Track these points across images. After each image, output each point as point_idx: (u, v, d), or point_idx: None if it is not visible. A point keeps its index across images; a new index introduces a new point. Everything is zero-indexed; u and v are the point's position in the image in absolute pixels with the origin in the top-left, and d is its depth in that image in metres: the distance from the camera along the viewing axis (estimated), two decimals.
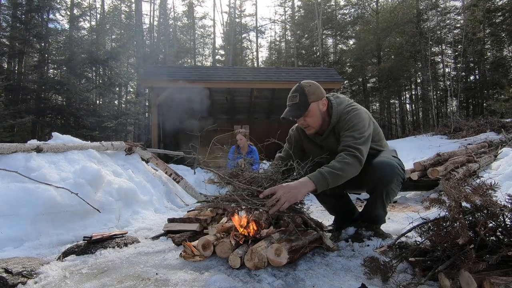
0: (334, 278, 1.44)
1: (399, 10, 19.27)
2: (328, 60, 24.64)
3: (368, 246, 1.79)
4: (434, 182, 3.99)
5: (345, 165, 1.71)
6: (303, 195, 1.68)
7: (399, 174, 1.88)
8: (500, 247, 1.21)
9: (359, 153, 1.75)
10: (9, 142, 5.26)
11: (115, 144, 4.11)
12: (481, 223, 1.26)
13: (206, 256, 1.71)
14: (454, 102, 17.01)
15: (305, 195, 1.70)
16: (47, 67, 13.93)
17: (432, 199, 1.44)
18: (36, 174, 2.61)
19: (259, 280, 1.41)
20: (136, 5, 20.37)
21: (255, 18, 30.41)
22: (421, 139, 9.74)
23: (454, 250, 1.26)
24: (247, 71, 10.82)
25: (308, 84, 1.94)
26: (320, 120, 1.96)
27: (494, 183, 1.33)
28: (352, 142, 1.79)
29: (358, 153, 1.75)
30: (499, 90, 16.40)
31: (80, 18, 16.08)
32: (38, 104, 12.06)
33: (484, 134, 8.29)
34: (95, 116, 12.57)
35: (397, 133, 22.05)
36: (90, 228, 2.50)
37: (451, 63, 22.04)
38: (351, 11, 25.51)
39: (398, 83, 21.18)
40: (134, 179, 3.63)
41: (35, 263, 1.61)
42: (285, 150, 2.28)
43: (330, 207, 2.32)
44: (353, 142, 1.78)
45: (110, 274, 1.55)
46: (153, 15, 24.63)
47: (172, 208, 3.80)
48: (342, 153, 1.78)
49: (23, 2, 12.46)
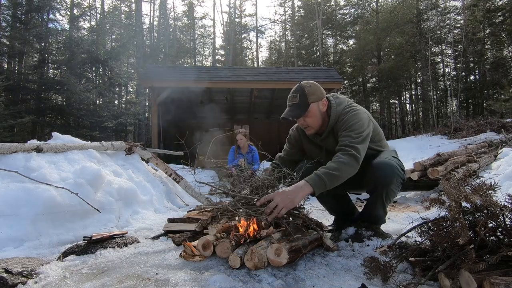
0: (334, 278, 1.44)
1: (399, 10, 19.28)
2: (328, 60, 24.65)
3: (368, 246, 1.79)
4: (434, 182, 3.99)
5: (342, 165, 1.70)
6: (301, 199, 1.66)
7: (399, 175, 1.88)
8: (500, 247, 1.21)
9: (356, 152, 1.74)
10: (9, 142, 5.26)
11: (115, 144, 4.11)
12: (481, 223, 1.26)
13: (206, 256, 1.71)
14: (454, 102, 17.01)
15: (302, 199, 1.68)
16: (47, 67, 13.94)
17: (432, 199, 1.44)
18: (36, 174, 2.61)
19: (259, 280, 1.41)
20: (136, 5, 20.35)
21: (255, 18, 30.45)
22: (421, 139, 9.74)
23: (454, 250, 1.26)
24: (247, 71, 10.83)
25: (308, 85, 1.94)
26: (320, 120, 1.96)
27: (494, 183, 1.33)
28: (349, 141, 1.78)
29: (354, 151, 1.73)
30: (499, 90, 16.41)
31: (80, 18, 16.10)
32: (38, 104, 12.07)
33: (484, 134, 8.29)
34: (95, 116, 12.58)
35: (397, 133, 22.06)
36: (90, 228, 2.50)
37: (451, 63, 22.07)
38: (351, 11, 25.55)
39: (398, 83, 21.19)
40: (134, 179, 3.63)
41: (35, 263, 1.61)
42: (285, 150, 2.29)
43: (330, 207, 2.32)
44: (350, 141, 1.78)
45: (110, 274, 1.55)
46: (153, 15, 24.66)
47: (172, 208, 3.80)
48: (339, 153, 1.77)
49: (23, 2, 12.47)
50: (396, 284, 1.32)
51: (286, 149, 2.28)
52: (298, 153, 2.23)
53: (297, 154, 2.24)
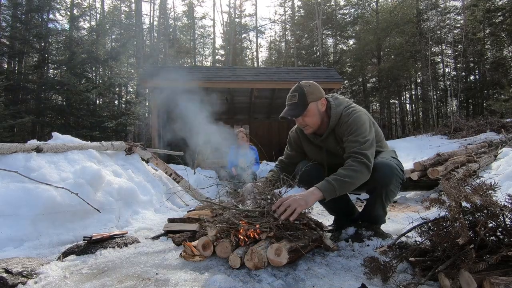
0: (334, 278, 1.44)
1: (399, 10, 19.29)
2: (328, 60, 24.63)
3: (368, 246, 1.79)
4: (434, 182, 3.99)
5: (353, 172, 1.72)
6: (313, 202, 1.68)
7: (398, 175, 1.88)
8: (500, 247, 1.21)
9: (366, 159, 1.75)
10: (9, 142, 5.26)
11: (115, 144, 4.11)
12: (481, 223, 1.26)
13: (206, 256, 1.71)
14: (454, 102, 17.03)
15: (314, 202, 1.70)
16: (47, 67, 13.93)
17: (432, 199, 1.44)
18: (36, 174, 2.61)
19: (259, 280, 1.41)
20: (136, 5, 20.33)
21: (255, 18, 30.44)
22: (421, 139, 9.73)
23: (454, 250, 1.26)
24: (247, 71, 10.81)
25: (308, 84, 1.94)
26: (319, 120, 1.96)
27: (494, 183, 1.33)
28: (358, 148, 1.79)
29: (365, 159, 1.75)
30: (499, 90, 16.41)
31: (80, 18, 16.07)
32: (38, 104, 12.07)
33: (484, 134, 8.29)
34: (95, 116, 12.57)
35: (397, 133, 22.06)
36: (90, 228, 2.50)
37: (451, 63, 22.07)
38: (351, 11, 25.51)
39: (398, 83, 21.18)
40: (134, 179, 3.63)
41: (35, 263, 1.61)
42: (286, 153, 2.29)
43: (330, 207, 2.32)
44: (359, 148, 1.78)
45: (110, 274, 1.55)
46: (153, 15, 24.63)
47: (172, 208, 3.80)
48: (349, 160, 1.78)
49: (23, 2, 12.47)
50: (396, 284, 1.32)
51: (286, 152, 2.28)
52: (299, 156, 2.23)
53: (298, 156, 2.23)
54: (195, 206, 3.55)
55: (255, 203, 1.82)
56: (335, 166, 1.88)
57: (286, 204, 1.60)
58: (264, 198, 1.79)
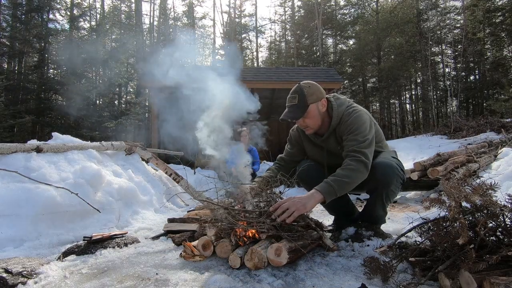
0: (334, 278, 1.44)
1: (399, 10, 19.30)
2: (328, 60, 24.62)
3: (368, 246, 1.79)
4: (434, 182, 3.98)
5: (351, 172, 1.71)
6: (312, 205, 1.67)
7: (399, 175, 1.88)
8: (500, 247, 1.21)
9: (364, 157, 1.74)
10: (9, 142, 5.26)
11: (115, 144, 4.11)
12: (481, 223, 1.26)
13: (206, 256, 1.71)
14: (454, 102, 17.02)
15: (314, 206, 1.69)
16: (47, 67, 13.93)
17: (432, 199, 1.44)
18: (36, 174, 2.61)
19: (259, 280, 1.41)
20: (136, 5, 20.36)
21: (255, 18, 30.40)
22: (421, 139, 9.74)
23: (454, 250, 1.26)
24: (247, 71, 10.81)
25: (308, 85, 1.94)
26: (320, 121, 1.96)
27: (494, 183, 1.33)
28: (356, 146, 1.78)
29: (363, 157, 1.74)
30: (499, 90, 16.41)
31: (80, 18, 16.07)
32: (38, 104, 12.06)
33: (484, 134, 8.29)
34: (95, 116, 12.56)
35: (397, 133, 22.06)
36: (90, 228, 2.50)
37: (451, 63, 22.07)
38: (351, 11, 25.50)
39: (398, 83, 21.19)
40: (134, 179, 3.63)
41: (35, 263, 1.61)
42: (286, 150, 2.28)
43: (330, 207, 2.32)
44: (357, 146, 1.78)
45: (110, 274, 1.55)
46: (153, 15, 24.61)
47: (172, 208, 3.80)
48: (347, 159, 1.77)
49: (23, 2, 12.47)
50: (396, 284, 1.32)
51: (287, 150, 2.28)
52: (299, 154, 2.23)
53: (298, 154, 2.23)
54: (195, 206, 3.55)
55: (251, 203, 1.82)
56: (335, 166, 1.88)
57: (284, 207, 1.59)
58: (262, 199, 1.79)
